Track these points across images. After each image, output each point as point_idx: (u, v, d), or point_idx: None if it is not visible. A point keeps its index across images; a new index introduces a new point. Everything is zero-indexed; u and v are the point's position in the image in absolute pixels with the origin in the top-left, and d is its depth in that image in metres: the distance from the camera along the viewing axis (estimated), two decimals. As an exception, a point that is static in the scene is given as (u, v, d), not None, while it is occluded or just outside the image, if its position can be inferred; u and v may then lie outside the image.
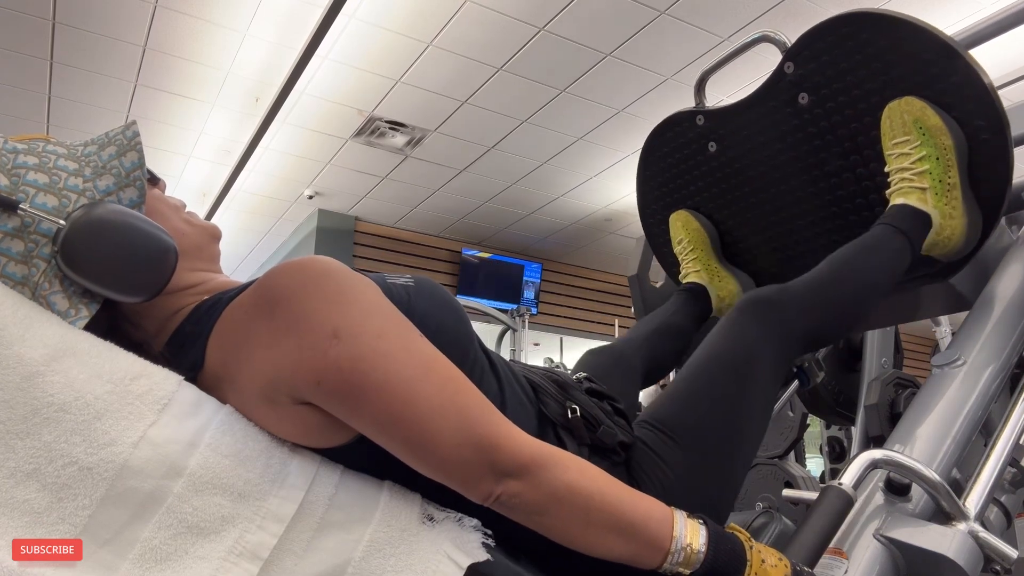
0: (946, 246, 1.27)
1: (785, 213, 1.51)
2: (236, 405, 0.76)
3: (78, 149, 0.83)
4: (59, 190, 0.77)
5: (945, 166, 1.22)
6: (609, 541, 0.74)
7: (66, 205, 0.76)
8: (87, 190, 0.79)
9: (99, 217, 0.75)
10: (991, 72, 1.20)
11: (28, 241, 0.75)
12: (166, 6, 3.44)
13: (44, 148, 0.81)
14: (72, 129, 4.42)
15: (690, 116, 1.60)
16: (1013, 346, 1.18)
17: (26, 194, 0.75)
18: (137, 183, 0.82)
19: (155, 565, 0.66)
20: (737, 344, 1.07)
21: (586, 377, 1.07)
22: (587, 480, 0.74)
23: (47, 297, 0.75)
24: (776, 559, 0.76)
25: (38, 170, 0.78)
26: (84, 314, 0.76)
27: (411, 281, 0.87)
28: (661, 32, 3.65)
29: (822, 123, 1.38)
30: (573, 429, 0.92)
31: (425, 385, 0.72)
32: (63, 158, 0.80)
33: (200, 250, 0.90)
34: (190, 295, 0.85)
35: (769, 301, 1.11)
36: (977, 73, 1.19)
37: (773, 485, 2.30)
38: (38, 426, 0.67)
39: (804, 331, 1.12)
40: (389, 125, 4.57)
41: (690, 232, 1.63)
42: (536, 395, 0.95)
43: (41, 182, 0.77)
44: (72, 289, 0.76)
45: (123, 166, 0.82)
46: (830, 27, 1.33)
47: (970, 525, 0.90)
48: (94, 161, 0.81)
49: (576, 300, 7.23)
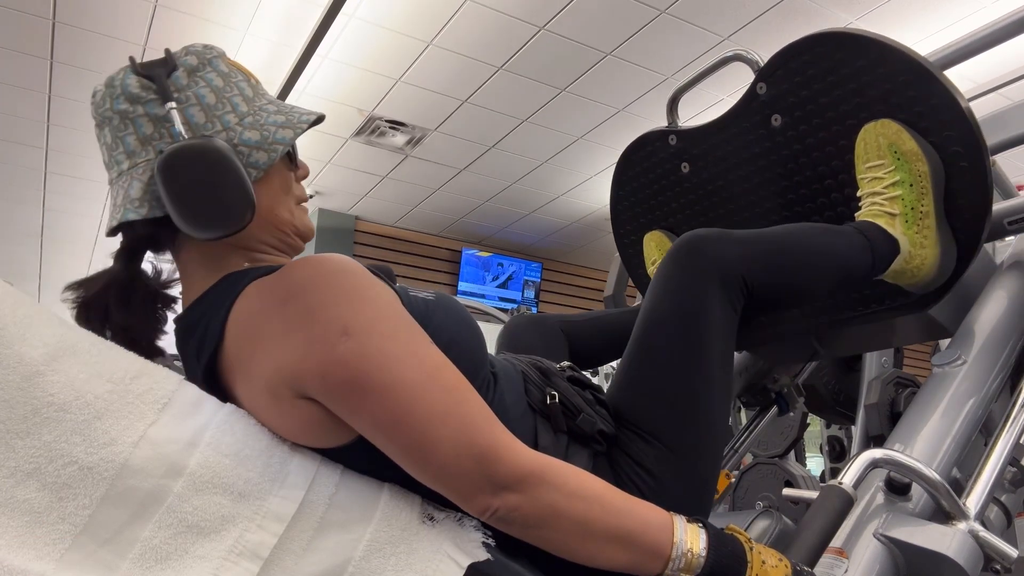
0: (915, 276, 1.20)
1: None
2: (243, 392, 0.77)
3: (262, 99, 0.89)
4: (213, 115, 0.84)
5: (919, 193, 1.17)
6: (609, 551, 0.74)
7: (207, 128, 0.83)
8: (231, 131, 0.84)
9: (213, 148, 0.80)
10: (985, 74, 1.18)
11: (158, 130, 0.82)
12: (166, 5, 3.44)
13: (237, 81, 0.88)
14: (72, 128, 4.42)
15: (662, 135, 1.57)
16: (1013, 345, 1.18)
17: (187, 100, 0.83)
18: (272, 153, 0.85)
19: (155, 564, 0.66)
20: (677, 297, 0.98)
21: (569, 366, 1.04)
22: (586, 491, 0.74)
23: (133, 180, 0.82)
24: (776, 559, 0.76)
25: (214, 91, 0.85)
26: (144, 213, 0.81)
27: (432, 296, 0.87)
28: (661, 31, 3.65)
29: (795, 145, 1.33)
30: (551, 415, 0.91)
31: (429, 391, 0.72)
32: (241, 98, 0.87)
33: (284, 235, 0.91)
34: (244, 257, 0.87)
35: (700, 237, 1.02)
36: (955, 97, 1.13)
37: (773, 484, 2.30)
38: (38, 426, 0.67)
39: (745, 271, 1.00)
40: (389, 124, 4.56)
41: (663, 253, 1.61)
42: (524, 384, 0.94)
43: (207, 100, 0.84)
44: (152, 189, 0.81)
45: (275, 135, 0.86)
46: (802, 47, 1.28)
47: (970, 524, 0.90)
48: (261, 116, 0.87)
49: (576, 299, 7.22)
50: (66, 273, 5.51)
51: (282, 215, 0.90)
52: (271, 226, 0.89)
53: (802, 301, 1.16)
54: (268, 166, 0.85)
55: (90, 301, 0.85)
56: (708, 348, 0.95)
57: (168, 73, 0.84)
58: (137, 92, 0.83)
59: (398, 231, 6.37)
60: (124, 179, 0.83)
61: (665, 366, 0.95)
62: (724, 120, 1.45)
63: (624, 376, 0.99)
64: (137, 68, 0.84)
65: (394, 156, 5.01)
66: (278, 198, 0.89)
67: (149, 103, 0.83)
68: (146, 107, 0.82)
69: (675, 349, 0.95)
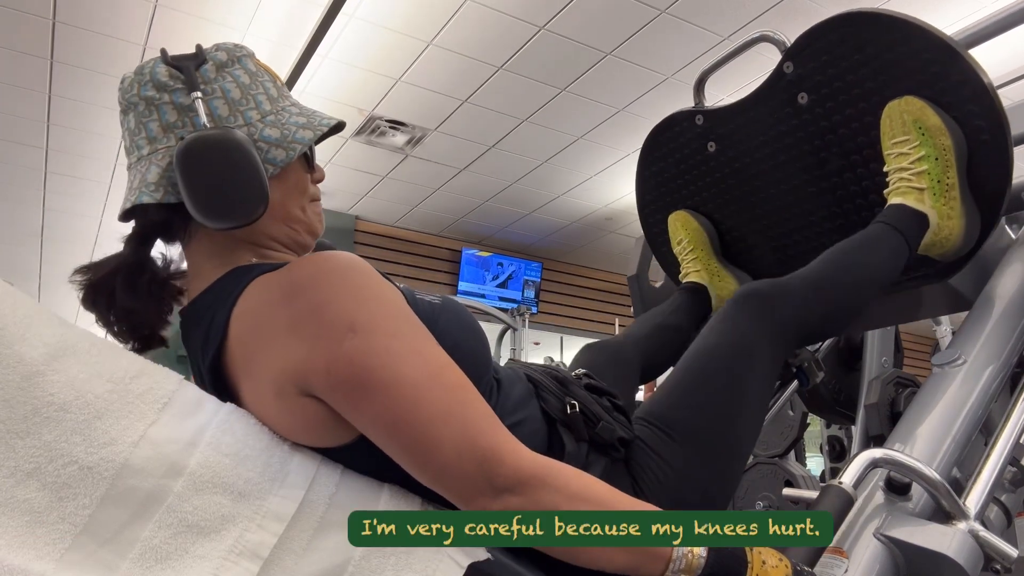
0: (944, 246, 1.26)
1: (785, 213, 1.50)
2: (247, 389, 0.77)
3: (286, 100, 0.91)
4: (236, 110, 0.86)
5: (944, 166, 1.22)
6: (610, 553, 0.73)
7: (229, 121, 0.84)
8: (252, 126, 0.86)
9: (235, 140, 0.81)
10: (991, 71, 1.19)
11: (181, 118, 0.84)
12: (166, 5, 3.44)
13: (263, 80, 0.89)
14: (72, 128, 4.41)
15: (689, 116, 1.59)
16: (1013, 345, 1.18)
17: (213, 92, 0.85)
18: (290, 152, 0.87)
19: (155, 564, 0.66)
20: (731, 338, 1.07)
21: (585, 373, 1.07)
22: (588, 493, 0.74)
23: (152, 163, 0.83)
24: (776, 559, 0.76)
25: (239, 88, 0.87)
26: (158, 196, 0.82)
27: (438, 299, 0.88)
28: (662, 31, 3.65)
29: (822, 123, 1.37)
30: (572, 425, 0.92)
31: (432, 390, 0.72)
32: (265, 97, 0.89)
33: (295, 232, 0.92)
34: (252, 252, 0.87)
35: (763, 295, 1.11)
36: (977, 73, 1.18)
37: (773, 484, 2.30)
38: (38, 425, 0.67)
39: (798, 326, 1.12)
40: (389, 124, 4.56)
41: (690, 232, 1.63)
42: (537, 393, 0.95)
43: (232, 95, 0.86)
44: (170, 176, 0.82)
45: (295, 135, 0.87)
46: (829, 27, 1.32)
47: (970, 524, 0.90)
48: (283, 116, 0.89)
49: (576, 299, 7.22)
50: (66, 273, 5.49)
51: (294, 212, 0.91)
52: (282, 223, 0.90)
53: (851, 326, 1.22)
54: (285, 164, 0.87)
55: (97, 284, 0.85)
56: (750, 384, 1.04)
57: (197, 66, 0.85)
58: (165, 80, 0.84)
59: (398, 231, 6.37)
60: (143, 164, 0.84)
61: (709, 391, 1.03)
62: (751, 100, 1.47)
63: (669, 390, 1.05)
64: (167, 58, 0.86)
65: (394, 156, 5.01)
66: (292, 196, 0.90)
67: (176, 92, 0.84)
68: (172, 95, 0.84)
69: (721, 379, 1.03)
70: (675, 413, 1.00)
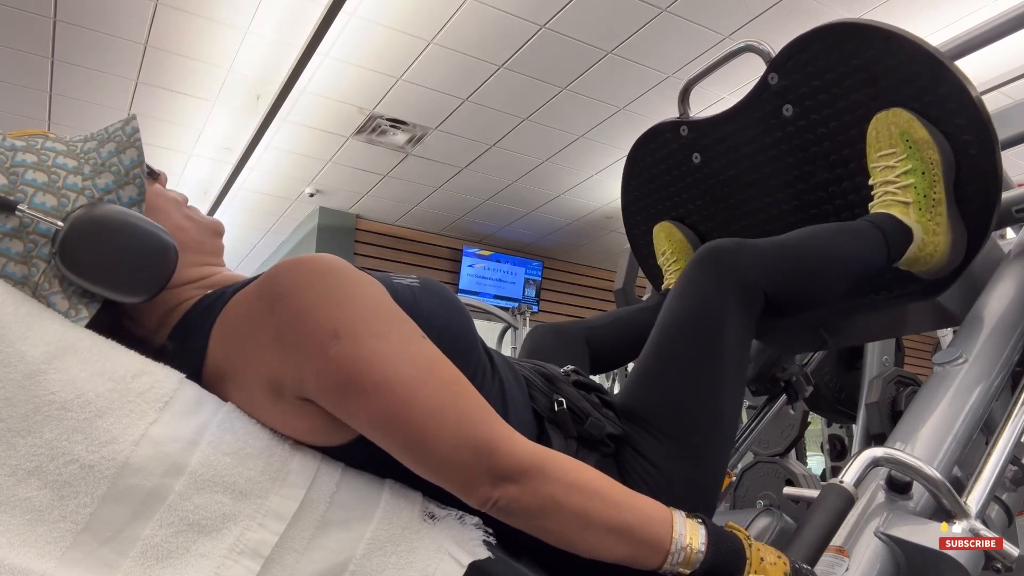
0: (928, 263, 1.23)
1: (769, 225, 1.48)
2: (238, 401, 0.76)
3: (77, 145, 0.82)
4: (58, 189, 0.76)
5: (931, 181, 1.19)
6: (609, 543, 0.73)
7: (65, 205, 0.76)
8: (86, 189, 0.78)
9: (98, 218, 0.74)
10: (984, 74, 1.18)
11: (27, 241, 0.74)
12: (167, 4, 3.44)
13: (43, 145, 0.79)
14: (73, 127, 4.42)
15: (674, 126, 1.58)
16: (1014, 344, 1.18)
17: (25, 194, 0.74)
18: (136, 180, 0.81)
19: (156, 563, 0.66)
20: (696, 307, 1.01)
21: (574, 370, 1.05)
22: (585, 483, 0.74)
23: (47, 297, 0.75)
24: (775, 557, 0.76)
25: (37, 168, 0.76)
26: (84, 314, 0.76)
27: (416, 281, 0.86)
28: (662, 30, 3.64)
29: (807, 135, 1.35)
30: (560, 422, 0.91)
31: (424, 386, 0.72)
32: (62, 155, 0.79)
33: (202, 245, 0.89)
34: (192, 289, 0.85)
35: (725, 251, 1.05)
36: (964, 86, 1.16)
37: (774, 483, 2.30)
38: (39, 424, 0.67)
39: (762, 287, 1.04)
40: (390, 123, 4.56)
41: (674, 243, 1.62)
42: (528, 390, 0.94)
43: (40, 181, 0.76)
44: (72, 289, 0.76)
45: (122, 163, 0.81)
46: (815, 37, 1.29)
47: (971, 523, 0.90)
48: (93, 158, 0.81)
49: (577, 298, 7.22)
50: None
51: (186, 226, 0.88)
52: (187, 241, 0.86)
53: (820, 305, 1.18)
54: (143, 193, 0.81)
55: None
56: (724, 353, 0.98)
57: None
58: None
59: (399, 230, 6.37)
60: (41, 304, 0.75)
61: (681, 368, 0.98)
62: (735, 111, 1.46)
63: (639, 376, 1.01)
64: None
65: (395, 154, 5.01)
66: (171, 215, 0.87)
67: None
68: None
69: (692, 353, 0.98)
70: (650, 407, 0.96)
